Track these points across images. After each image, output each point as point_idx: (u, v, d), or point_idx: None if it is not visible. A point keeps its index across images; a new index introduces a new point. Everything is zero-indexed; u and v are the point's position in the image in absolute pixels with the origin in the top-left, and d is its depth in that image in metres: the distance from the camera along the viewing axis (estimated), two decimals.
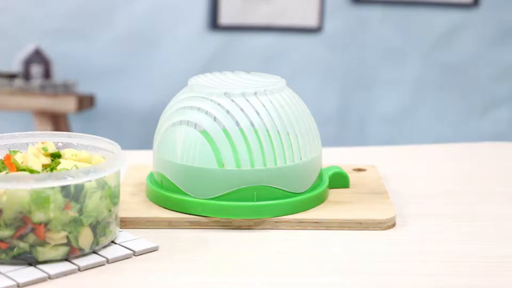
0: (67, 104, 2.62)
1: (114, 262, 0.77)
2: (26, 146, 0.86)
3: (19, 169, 0.80)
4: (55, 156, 0.84)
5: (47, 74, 2.74)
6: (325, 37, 2.91)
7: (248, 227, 0.86)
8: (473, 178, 1.06)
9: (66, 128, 2.73)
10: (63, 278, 0.73)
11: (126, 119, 2.89)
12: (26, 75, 2.71)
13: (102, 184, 0.77)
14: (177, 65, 2.89)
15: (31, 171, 0.79)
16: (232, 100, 0.87)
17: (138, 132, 2.88)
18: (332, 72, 2.90)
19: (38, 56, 2.72)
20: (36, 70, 2.72)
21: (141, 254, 0.79)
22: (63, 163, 0.81)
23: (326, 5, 2.88)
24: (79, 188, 0.75)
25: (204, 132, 0.87)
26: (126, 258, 0.78)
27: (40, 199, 0.73)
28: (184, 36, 2.87)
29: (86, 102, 2.71)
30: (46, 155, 0.84)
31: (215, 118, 0.86)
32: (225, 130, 0.86)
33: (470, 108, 2.99)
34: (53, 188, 0.73)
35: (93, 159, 0.83)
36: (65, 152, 0.84)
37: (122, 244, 0.80)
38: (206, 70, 2.89)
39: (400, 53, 2.94)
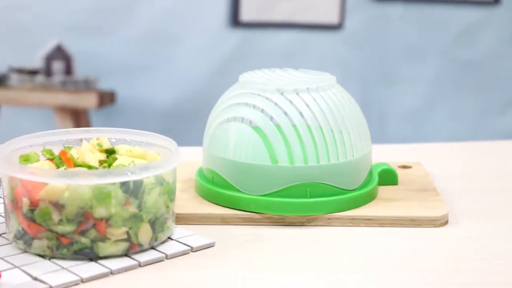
0: (88, 100, 2.63)
1: (172, 258, 0.77)
2: (79, 142, 0.86)
3: (76, 164, 0.80)
4: (110, 152, 0.84)
5: (68, 70, 2.74)
6: (345, 34, 2.91)
7: (301, 224, 0.86)
8: None
9: (87, 124, 2.74)
10: (124, 274, 0.74)
11: (147, 115, 2.90)
12: (48, 71, 2.72)
13: (160, 181, 0.77)
14: (198, 62, 2.90)
15: (89, 167, 0.80)
16: (285, 97, 0.87)
17: (159, 128, 2.88)
18: (352, 69, 2.90)
19: (59, 53, 2.73)
20: (57, 66, 2.72)
21: (198, 250, 0.79)
22: (120, 159, 0.81)
23: (347, 2, 2.88)
24: (138, 184, 0.75)
25: (257, 129, 0.87)
26: (184, 254, 0.78)
27: (102, 195, 0.73)
28: (204, 32, 2.87)
29: (106, 99, 2.71)
30: (101, 151, 0.84)
31: (268, 115, 0.86)
32: (278, 127, 0.86)
33: (489, 106, 2.99)
34: (113, 184, 0.74)
35: (147, 155, 0.83)
36: (119, 148, 0.84)
37: (179, 240, 0.80)
38: (227, 67, 2.90)
39: (420, 51, 2.94)
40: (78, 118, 2.71)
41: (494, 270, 0.75)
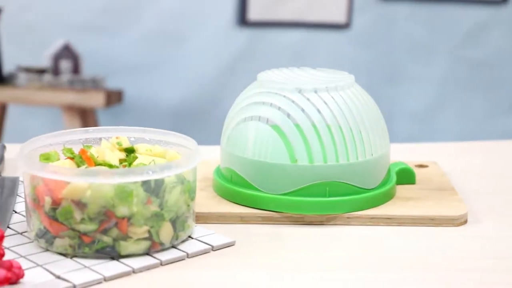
0: (95, 100, 2.63)
1: (193, 256, 0.77)
2: (99, 140, 0.86)
3: (96, 163, 0.80)
4: (129, 151, 0.84)
5: (76, 69, 2.75)
6: (353, 33, 2.91)
7: (320, 223, 0.86)
8: None
9: (95, 123, 2.74)
10: (146, 272, 0.74)
11: (154, 114, 2.90)
12: (55, 71, 2.72)
13: (181, 179, 0.77)
14: (205, 61, 2.90)
15: (110, 166, 0.80)
16: (304, 96, 0.87)
17: (166, 127, 2.87)
18: (359, 68, 2.90)
19: (67, 52, 2.73)
20: (65, 65, 2.73)
21: (218, 249, 0.79)
22: (140, 158, 0.81)
23: (355, 1, 2.88)
24: (159, 183, 0.75)
25: (276, 127, 0.87)
26: (205, 253, 0.78)
27: (124, 194, 0.73)
28: (212, 31, 2.88)
29: (114, 98, 2.72)
30: (121, 150, 0.84)
31: (287, 114, 0.86)
32: (297, 126, 0.86)
33: (497, 105, 2.99)
34: (135, 182, 0.74)
35: (167, 154, 0.83)
36: (138, 146, 0.84)
37: (199, 239, 0.80)
38: (234, 66, 2.90)
39: (427, 50, 2.94)
40: (86, 117, 2.72)
41: None
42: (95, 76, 2.71)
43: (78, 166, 0.80)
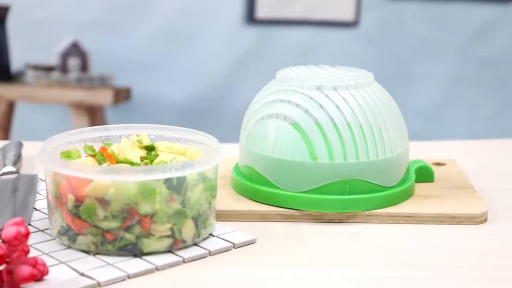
0: (103, 97, 2.63)
1: (215, 254, 0.78)
2: (119, 138, 0.86)
3: (117, 161, 0.80)
4: (150, 149, 0.84)
5: (84, 67, 2.75)
6: (361, 31, 2.90)
7: (340, 221, 0.86)
8: None
9: (102, 121, 2.74)
10: (169, 270, 0.74)
11: (162, 112, 2.90)
12: (63, 68, 2.72)
13: (203, 177, 0.77)
14: (213, 59, 2.90)
15: (131, 163, 0.80)
16: (324, 94, 0.87)
17: (174, 125, 2.88)
18: (367, 67, 2.88)
19: (75, 49, 2.73)
20: (73, 63, 2.73)
21: (240, 247, 0.79)
22: (161, 156, 0.81)
23: None
24: (181, 180, 0.75)
25: (296, 125, 0.87)
26: (226, 251, 0.78)
27: (147, 191, 0.73)
28: (220, 29, 2.88)
29: (122, 95, 2.72)
30: (141, 148, 0.84)
31: (307, 111, 0.86)
32: (317, 123, 0.86)
33: (505, 104, 2.98)
34: (158, 180, 0.74)
35: (188, 151, 0.83)
36: (159, 144, 0.84)
37: (220, 236, 0.80)
38: (242, 63, 2.90)
39: (436, 48, 2.94)
40: (94, 114, 2.72)
41: None
42: (103, 73, 2.71)
43: (100, 163, 0.80)
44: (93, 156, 0.81)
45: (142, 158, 0.83)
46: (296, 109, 0.87)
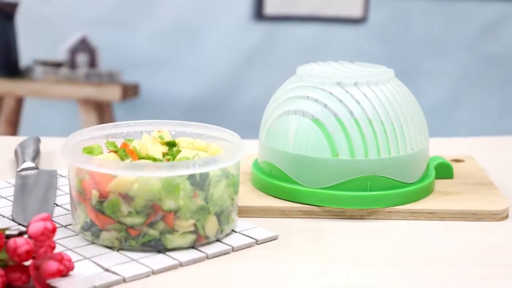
0: (111, 93, 2.63)
1: (238, 250, 0.78)
2: (139, 134, 0.86)
3: (140, 157, 0.80)
4: (171, 145, 0.84)
5: (92, 63, 2.75)
6: (369, 28, 2.90)
7: (361, 217, 0.86)
8: None
9: (111, 117, 2.74)
10: (192, 266, 0.74)
11: (170, 108, 2.90)
12: (72, 64, 2.72)
13: (226, 173, 0.77)
14: (221, 55, 2.90)
15: (154, 159, 0.80)
16: (345, 90, 0.87)
17: (182, 121, 2.88)
18: (375, 63, 2.89)
19: (84, 45, 2.73)
20: (81, 59, 2.73)
21: (262, 243, 0.79)
22: (183, 152, 0.81)
23: None
24: (204, 176, 0.75)
25: (317, 121, 0.87)
26: (249, 247, 0.78)
27: (171, 187, 0.73)
28: (228, 26, 2.87)
29: (130, 91, 2.72)
30: (162, 143, 0.84)
31: (328, 107, 0.86)
32: (339, 120, 0.86)
33: None
34: (181, 176, 0.74)
35: (209, 147, 0.83)
36: (180, 140, 0.84)
37: (242, 232, 0.80)
38: (250, 60, 2.90)
39: (444, 45, 2.93)
40: (102, 110, 2.72)
41: None
42: (111, 69, 2.71)
43: (122, 159, 0.80)
44: (115, 152, 0.81)
45: (163, 154, 0.83)
46: (317, 105, 0.87)
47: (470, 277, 0.73)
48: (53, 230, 0.66)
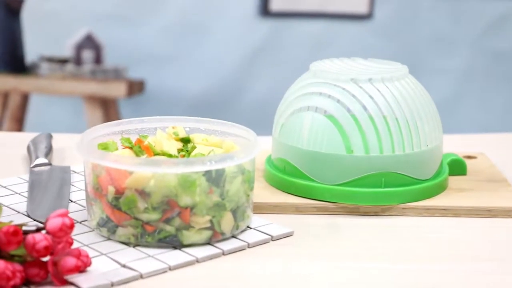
0: (117, 89, 2.63)
1: (253, 246, 0.78)
2: (154, 130, 0.86)
3: (155, 153, 0.80)
4: (185, 141, 0.84)
5: (98, 59, 2.75)
6: (375, 24, 2.90)
7: (375, 213, 0.86)
8: None
9: (116, 114, 2.74)
10: (209, 262, 0.74)
11: (175, 105, 2.90)
12: (77, 60, 2.72)
13: (241, 170, 0.77)
14: (227, 52, 2.90)
15: (169, 155, 0.80)
16: (359, 86, 0.87)
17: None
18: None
19: (89, 42, 2.73)
20: (87, 55, 2.73)
21: (277, 239, 0.79)
22: (198, 148, 0.81)
23: None
24: (220, 173, 0.75)
25: (331, 118, 0.87)
26: (265, 243, 0.78)
27: (187, 183, 0.73)
28: (234, 22, 2.87)
29: (136, 88, 2.72)
30: (177, 140, 0.84)
31: (342, 104, 0.86)
32: (353, 116, 0.86)
33: None
34: (197, 172, 0.74)
35: (224, 144, 0.83)
36: (194, 136, 0.84)
37: (258, 229, 0.80)
38: (256, 56, 2.90)
39: (450, 41, 2.93)
40: (107, 107, 2.72)
41: None
42: (117, 66, 2.71)
43: (137, 155, 0.80)
44: (130, 148, 0.81)
45: (179, 150, 0.83)
46: (331, 102, 0.87)
47: (485, 273, 0.73)
48: (71, 226, 0.66)
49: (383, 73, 0.88)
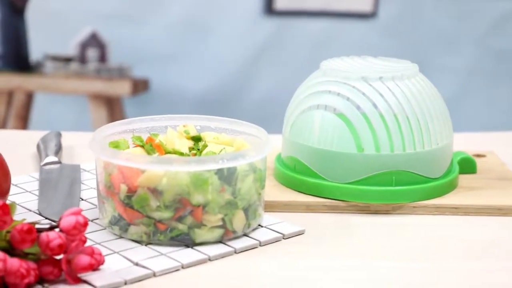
0: (121, 88, 2.63)
1: (265, 244, 0.78)
2: (164, 129, 0.86)
3: (166, 151, 0.80)
4: (196, 139, 0.84)
5: (102, 58, 2.75)
6: (379, 22, 2.90)
7: (386, 212, 0.86)
8: None
9: (121, 112, 2.74)
10: (221, 260, 0.74)
11: (180, 103, 2.90)
12: (82, 59, 2.72)
13: (253, 168, 0.78)
14: (232, 50, 2.89)
15: (180, 154, 0.80)
16: (370, 84, 0.87)
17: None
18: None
19: (94, 40, 2.73)
20: (91, 53, 2.73)
21: (289, 237, 0.80)
22: (210, 147, 0.81)
23: None
24: (232, 171, 0.76)
25: (342, 116, 0.87)
26: (276, 241, 0.79)
27: (200, 181, 0.74)
28: (238, 21, 2.87)
29: (140, 86, 2.72)
30: (188, 138, 0.84)
31: (353, 102, 0.86)
32: (364, 115, 0.86)
33: None
34: (209, 170, 0.74)
35: (235, 142, 0.83)
36: (205, 135, 0.84)
37: (269, 227, 0.80)
38: (261, 55, 2.89)
39: (454, 40, 2.93)
40: (112, 105, 2.72)
41: None
42: (121, 64, 2.71)
43: (148, 154, 0.80)
44: (142, 146, 0.81)
45: (190, 149, 0.83)
46: (342, 100, 0.87)
47: (496, 271, 0.73)
48: (85, 224, 0.66)
49: (393, 72, 0.88)
